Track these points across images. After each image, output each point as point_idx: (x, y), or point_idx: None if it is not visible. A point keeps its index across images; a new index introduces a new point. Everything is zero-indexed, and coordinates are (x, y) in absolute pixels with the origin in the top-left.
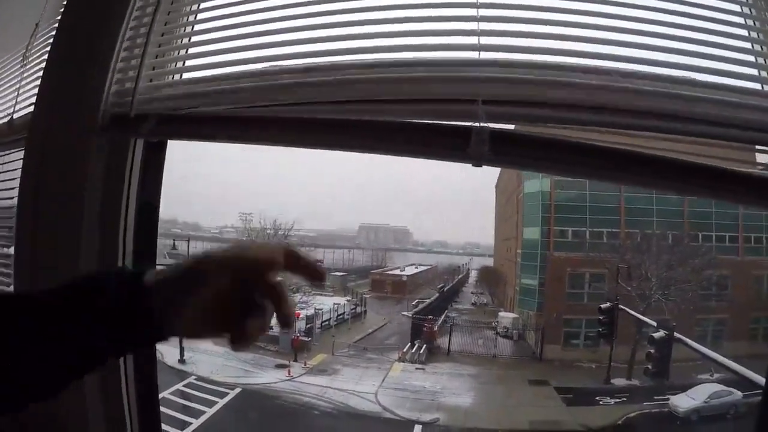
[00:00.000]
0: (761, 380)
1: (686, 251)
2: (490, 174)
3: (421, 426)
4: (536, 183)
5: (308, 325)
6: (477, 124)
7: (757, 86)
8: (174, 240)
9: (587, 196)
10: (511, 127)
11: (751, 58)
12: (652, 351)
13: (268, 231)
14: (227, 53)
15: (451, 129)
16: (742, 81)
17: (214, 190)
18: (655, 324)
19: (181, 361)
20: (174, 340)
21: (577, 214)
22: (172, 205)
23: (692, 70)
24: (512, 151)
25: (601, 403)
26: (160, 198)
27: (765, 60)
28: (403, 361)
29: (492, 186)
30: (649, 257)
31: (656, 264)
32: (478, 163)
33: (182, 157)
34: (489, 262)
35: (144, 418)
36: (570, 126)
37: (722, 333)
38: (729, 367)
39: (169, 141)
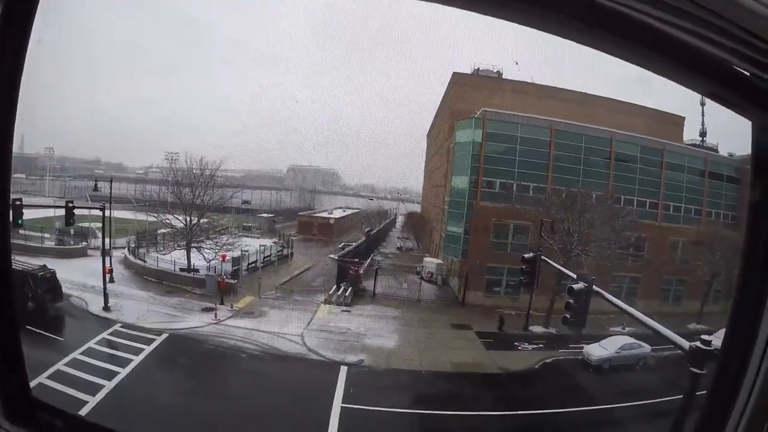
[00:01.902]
0: (674, 336)
1: (608, 212)
2: (421, 120)
3: (346, 367)
4: (468, 133)
5: (234, 268)
6: None
7: None
8: (96, 181)
9: (517, 150)
10: None
11: None
12: (571, 301)
13: (195, 171)
14: None
15: None
16: None
17: (138, 129)
18: (575, 276)
19: (106, 308)
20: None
21: (506, 167)
22: (94, 145)
23: None
24: None
25: (519, 348)
26: None
27: None
28: (329, 304)
29: (423, 133)
30: (573, 214)
31: (579, 221)
32: None
33: (108, 95)
34: (416, 208)
35: None
36: None
37: (636, 291)
38: (643, 322)
39: None
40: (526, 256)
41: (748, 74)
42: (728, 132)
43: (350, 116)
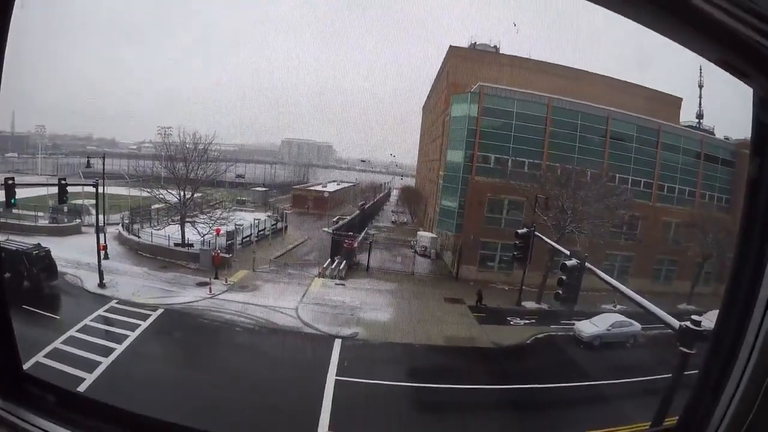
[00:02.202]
0: (665, 316)
1: (603, 190)
2: (417, 94)
3: (340, 340)
4: (464, 107)
5: (229, 242)
6: None
7: None
8: (88, 158)
9: (513, 125)
10: None
11: None
12: (563, 277)
13: (188, 145)
14: None
15: None
16: None
17: (131, 104)
18: (568, 253)
19: (101, 285)
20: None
21: (502, 142)
22: (86, 122)
23: None
24: None
25: (511, 323)
26: None
27: None
28: (323, 277)
29: (419, 107)
30: (567, 191)
31: (573, 198)
32: None
33: (99, 70)
34: (411, 182)
35: None
36: None
37: (627, 269)
38: (635, 300)
39: None
40: (519, 231)
41: (759, 42)
42: (726, 116)
43: (344, 89)
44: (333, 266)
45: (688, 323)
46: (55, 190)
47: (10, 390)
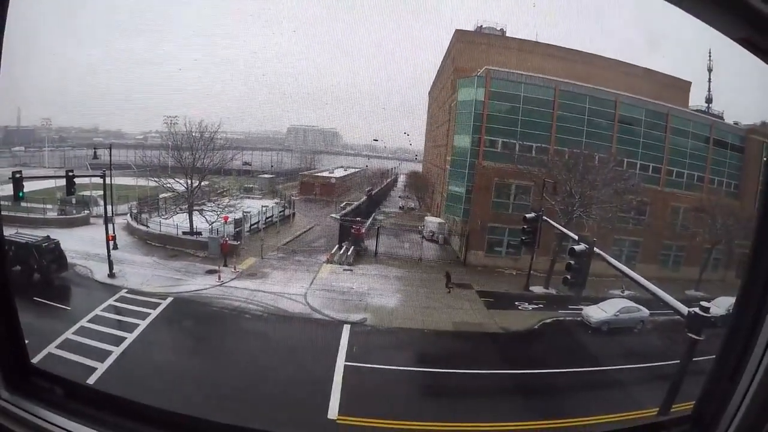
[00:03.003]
0: (673, 302)
1: (611, 174)
2: (423, 79)
3: (349, 326)
4: (471, 91)
5: (237, 229)
6: None
7: None
8: (95, 149)
9: (520, 109)
10: None
11: None
12: (572, 262)
13: (194, 134)
14: None
15: None
16: None
17: (136, 95)
18: (576, 238)
19: (111, 275)
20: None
21: (509, 126)
22: (92, 114)
23: None
24: None
25: (519, 308)
26: None
27: None
28: (331, 263)
29: (425, 92)
30: (575, 175)
31: (581, 182)
32: None
33: (103, 62)
34: (418, 167)
35: None
36: None
37: (635, 254)
38: (644, 286)
39: None
40: (527, 216)
41: None
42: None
43: (350, 74)
44: (341, 252)
45: (696, 309)
46: (62, 182)
47: (18, 383)
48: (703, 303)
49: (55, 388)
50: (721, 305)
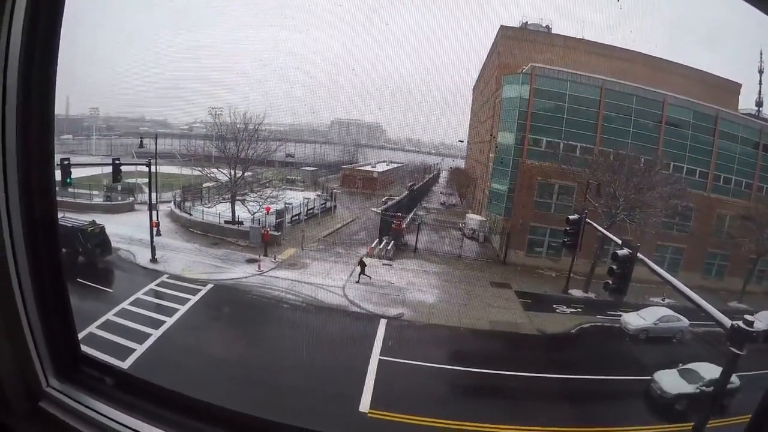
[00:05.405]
0: (716, 313)
1: (656, 178)
2: (467, 75)
3: (386, 320)
4: (515, 88)
5: (278, 220)
6: None
7: None
8: (141, 138)
9: (566, 108)
10: None
11: None
12: (614, 267)
13: (239, 125)
14: None
15: None
16: None
17: (182, 85)
18: (619, 242)
19: (153, 260)
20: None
21: (554, 125)
22: (139, 104)
23: None
24: None
25: (557, 311)
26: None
27: None
28: (371, 257)
29: (469, 88)
30: (620, 177)
31: (626, 185)
32: None
33: (151, 53)
34: (460, 163)
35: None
36: None
37: (678, 262)
38: (687, 295)
39: None
40: (571, 217)
41: None
42: None
43: (393, 69)
44: (381, 246)
45: (740, 323)
46: (109, 169)
47: (69, 372)
48: (747, 317)
49: (106, 378)
50: (765, 319)
